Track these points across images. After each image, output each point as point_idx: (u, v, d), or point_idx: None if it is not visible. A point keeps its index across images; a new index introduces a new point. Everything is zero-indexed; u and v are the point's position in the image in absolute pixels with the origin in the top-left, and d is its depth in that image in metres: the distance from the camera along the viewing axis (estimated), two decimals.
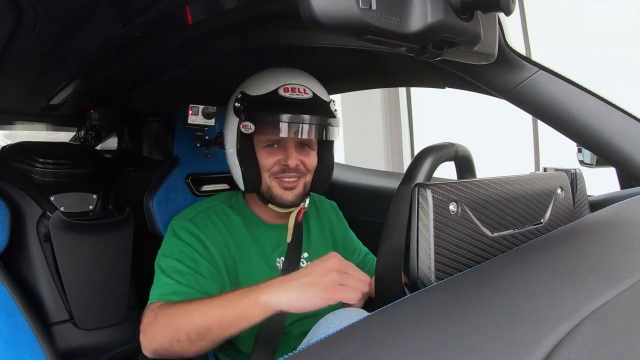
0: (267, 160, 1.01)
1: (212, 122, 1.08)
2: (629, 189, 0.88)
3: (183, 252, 0.98)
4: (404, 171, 0.74)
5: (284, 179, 1.02)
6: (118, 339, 1.29)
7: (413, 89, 3.68)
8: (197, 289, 0.92)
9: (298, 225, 1.10)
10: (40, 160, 1.32)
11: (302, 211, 1.10)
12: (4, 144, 1.50)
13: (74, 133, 1.89)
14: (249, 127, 0.97)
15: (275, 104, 0.97)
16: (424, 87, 1.24)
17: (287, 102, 0.97)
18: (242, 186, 1.05)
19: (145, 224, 1.21)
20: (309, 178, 1.06)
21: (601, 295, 0.42)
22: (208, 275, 0.96)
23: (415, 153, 0.75)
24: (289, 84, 0.99)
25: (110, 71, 1.08)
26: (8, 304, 1.08)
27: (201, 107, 1.07)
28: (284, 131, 0.95)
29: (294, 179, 1.02)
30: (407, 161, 3.74)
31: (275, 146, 1.01)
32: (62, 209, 1.27)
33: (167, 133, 1.65)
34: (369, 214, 1.44)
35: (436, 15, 0.50)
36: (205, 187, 1.32)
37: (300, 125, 0.95)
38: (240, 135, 1.00)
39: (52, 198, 1.28)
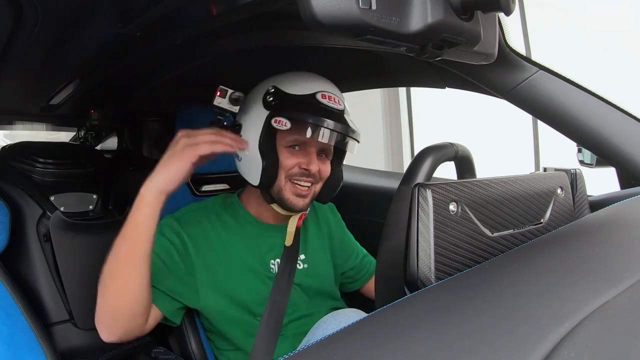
0: (289, 160, 0.99)
1: (236, 109, 1.03)
2: (629, 189, 0.88)
3: (162, 246, 0.99)
4: (404, 171, 0.74)
5: (298, 184, 1.00)
6: None
7: (413, 89, 3.68)
8: (157, 280, 0.96)
9: (296, 228, 1.09)
10: (40, 160, 1.32)
11: (303, 217, 1.09)
12: (4, 144, 1.50)
13: (74, 133, 1.90)
14: (284, 124, 0.95)
15: (315, 107, 0.97)
16: (424, 87, 1.24)
17: (324, 109, 0.97)
18: (254, 180, 1.00)
19: None
20: (319, 186, 1.04)
21: (601, 295, 0.42)
22: (176, 271, 0.99)
23: (415, 153, 0.75)
24: (325, 92, 0.99)
25: (110, 71, 1.08)
26: (8, 304, 1.08)
27: (230, 90, 1.02)
28: (321, 136, 0.93)
29: (309, 185, 1.01)
30: (407, 161, 3.74)
31: (297, 148, 1.00)
32: (62, 209, 1.27)
33: (167, 133, 1.65)
34: (369, 214, 1.44)
35: (436, 15, 0.50)
36: (205, 187, 1.32)
37: (337, 133, 0.95)
38: (267, 129, 0.98)
39: (52, 198, 1.28)
